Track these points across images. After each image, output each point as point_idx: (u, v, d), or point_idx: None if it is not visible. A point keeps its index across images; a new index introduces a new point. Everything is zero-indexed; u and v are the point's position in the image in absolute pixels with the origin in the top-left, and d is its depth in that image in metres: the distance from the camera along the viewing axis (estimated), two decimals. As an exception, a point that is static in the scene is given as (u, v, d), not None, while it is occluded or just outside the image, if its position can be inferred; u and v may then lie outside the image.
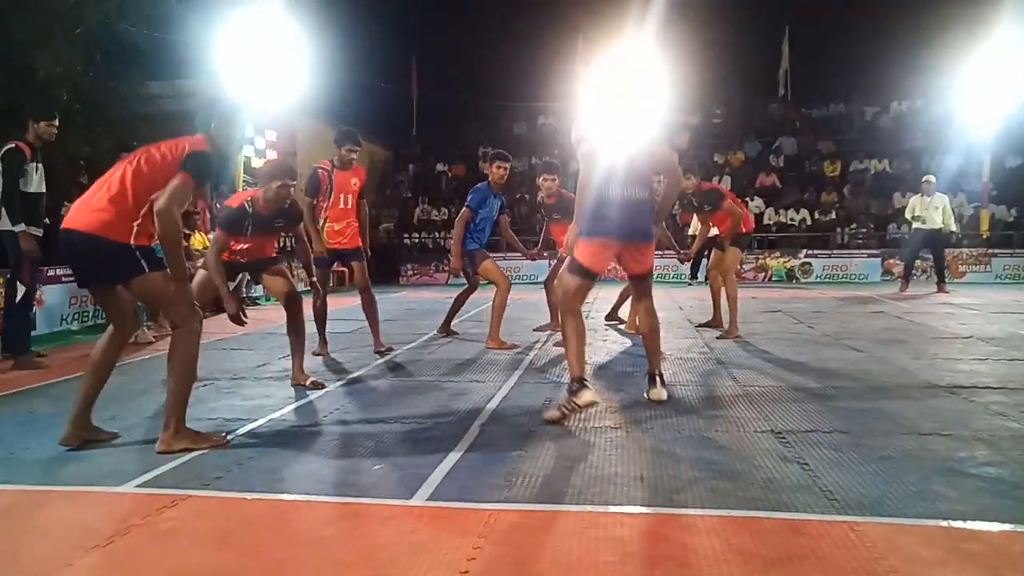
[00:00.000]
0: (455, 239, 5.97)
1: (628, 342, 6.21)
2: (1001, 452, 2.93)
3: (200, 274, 4.45)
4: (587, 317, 5.98)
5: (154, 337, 6.78)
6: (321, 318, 5.72)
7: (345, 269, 6.72)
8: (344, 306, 9.18)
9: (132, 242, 3.04)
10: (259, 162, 13.48)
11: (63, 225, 3.10)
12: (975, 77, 14.16)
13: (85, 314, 7.95)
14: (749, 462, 2.87)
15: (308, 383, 4.43)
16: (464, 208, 5.98)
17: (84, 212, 3.05)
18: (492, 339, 5.91)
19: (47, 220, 6.18)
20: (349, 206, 5.54)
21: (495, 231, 6.42)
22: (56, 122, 5.57)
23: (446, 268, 8.10)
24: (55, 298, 7.57)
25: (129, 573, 2.04)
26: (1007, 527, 2.21)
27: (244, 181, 12.81)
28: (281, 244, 13.95)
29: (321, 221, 5.49)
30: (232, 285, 4.61)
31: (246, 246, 4.50)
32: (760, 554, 2.04)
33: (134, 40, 10.89)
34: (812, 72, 20.68)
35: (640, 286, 4.01)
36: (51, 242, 6.44)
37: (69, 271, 7.89)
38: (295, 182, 4.38)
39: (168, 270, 3.08)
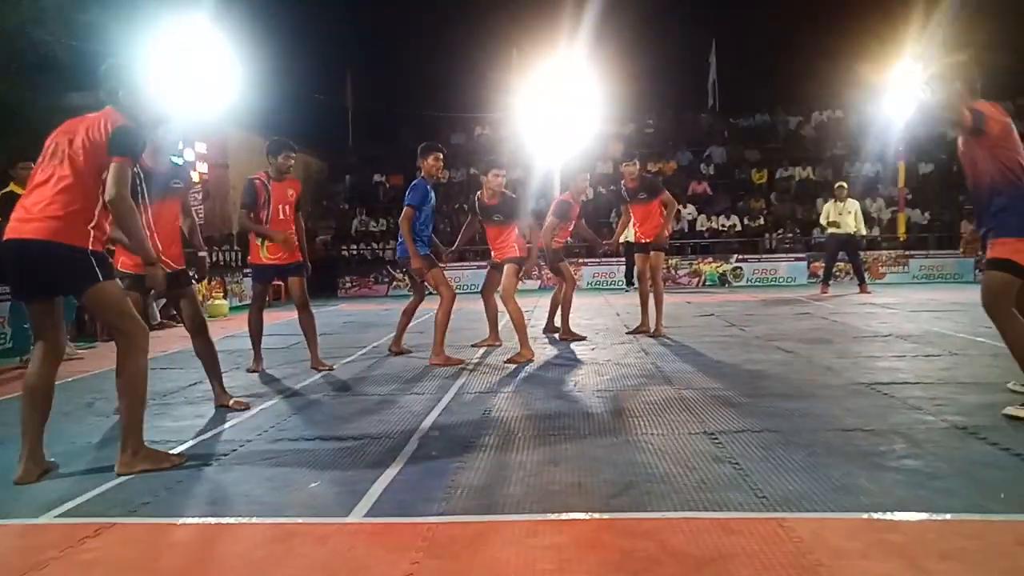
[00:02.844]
0: (406, 238, 5.57)
1: (565, 352, 6.26)
2: (918, 445, 3.09)
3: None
4: (528, 325, 5.98)
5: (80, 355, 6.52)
6: (256, 334, 5.59)
7: (282, 283, 6.46)
8: (279, 321, 8.98)
9: (89, 247, 2.94)
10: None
11: (8, 236, 2.95)
12: (890, 88, 14.93)
13: (3, 336, 7.54)
14: (683, 464, 2.93)
15: (231, 403, 4.30)
16: (406, 207, 5.61)
17: (32, 220, 2.89)
18: (436, 355, 5.61)
19: None
20: (287, 217, 5.43)
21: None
22: None
23: (403, 271, 7.36)
24: (-34, 321, 7.17)
25: (48, 608, 1.95)
26: (923, 516, 2.32)
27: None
28: (214, 259, 13.60)
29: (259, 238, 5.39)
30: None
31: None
32: (693, 554, 2.09)
33: (53, 50, 10.47)
34: (738, 83, 21.47)
35: None
36: None
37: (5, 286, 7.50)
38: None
39: (116, 280, 3.08)
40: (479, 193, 6.02)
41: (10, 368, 6.35)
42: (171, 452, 3.27)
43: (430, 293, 6.00)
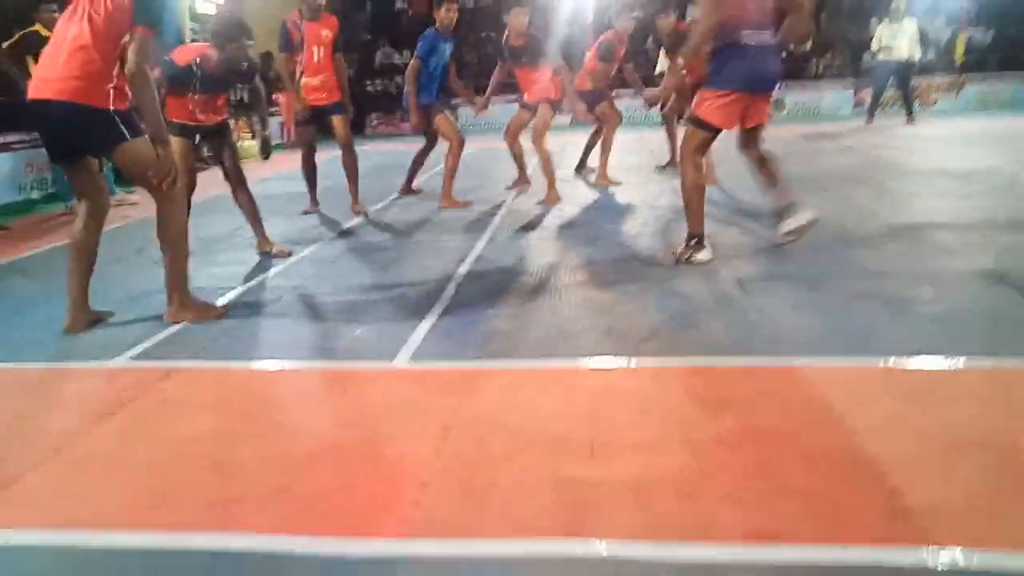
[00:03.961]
0: (409, 93, 5.60)
1: (597, 195, 6.25)
2: (943, 289, 3.13)
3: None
4: (556, 168, 5.96)
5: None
6: (310, 177, 5.76)
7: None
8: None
9: (111, 107, 2.96)
10: (207, 7, 12.63)
11: (32, 95, 2.97)
12: None
13: (44, 181, 7.74)
14: (710, 311, 3.04)
15: (274, 251, 4.45)
16: (413, 59, 5.57)
17: (56, 80, 2.90)
18: (445, 198, 5.79)
19: None
20: (323, 58, 5.32)
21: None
22: None
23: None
24: (8, 166, 7.34)
25: (141, 438, 2.19)
26: (940, 361, 2.42)
27: (192, 30, 12.02)
28: (238, 97, 13.41)
29: (297, 76, 5.35)
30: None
31: (195, 106, 4.16)
32: (714, 398, 2.24)
33: None
34: None
35: (754, 138, 3.91)
36: None
37: (35, 140, 7.60)
38: (252, 41, 4.10)
39: (148, 135, 3.04)
40: (505, 36, 5.81)
41: (56, 215, 6.57)
42: (217, 302, 3.44)
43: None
